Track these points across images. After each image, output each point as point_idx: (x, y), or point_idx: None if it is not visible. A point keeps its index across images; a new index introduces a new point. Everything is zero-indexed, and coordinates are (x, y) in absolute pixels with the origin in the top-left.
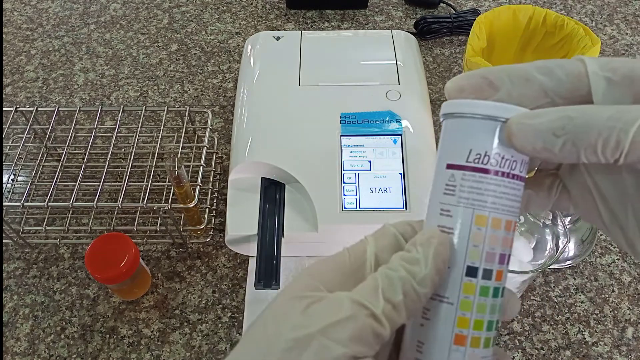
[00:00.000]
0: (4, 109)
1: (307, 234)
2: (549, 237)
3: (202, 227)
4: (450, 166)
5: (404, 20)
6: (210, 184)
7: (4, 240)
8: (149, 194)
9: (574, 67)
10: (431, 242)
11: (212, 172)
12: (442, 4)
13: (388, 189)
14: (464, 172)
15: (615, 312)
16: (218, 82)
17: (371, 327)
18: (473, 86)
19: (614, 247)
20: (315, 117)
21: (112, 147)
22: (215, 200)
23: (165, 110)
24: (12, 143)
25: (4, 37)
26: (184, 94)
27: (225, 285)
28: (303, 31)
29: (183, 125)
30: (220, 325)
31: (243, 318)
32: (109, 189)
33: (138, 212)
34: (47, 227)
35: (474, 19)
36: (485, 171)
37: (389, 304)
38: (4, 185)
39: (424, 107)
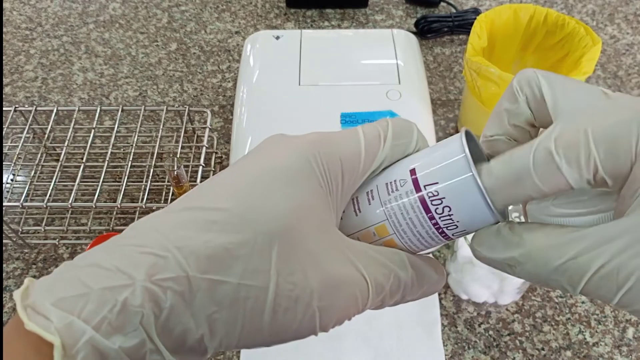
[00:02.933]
0: (3, 108)
1: None
2: None
3: None
4: (412, 172)
5: (404, 19)
6: None
7: (3, 240)
8: (148, 194)
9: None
10: None
11: (212, 172)
12: (442, 3)
13: None
14: (413, 190)
15: (616, 312)
16: (217, 82)
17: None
18: None
19: None
20: (315, 117)
21: (111, 146)
22: None
23: (165, 109)
24: (11, 143)
25: (3, 36)
26: (183, 93)
27: None
28: (303, 30)
29: (182, 124)
30: None
31: None
32: (108, 189)
33: (137, 212)
34: (46, 227)
35: (475, 18)
36: (427, 210)
37: None
38: (3, 185)
39: (425, 106)
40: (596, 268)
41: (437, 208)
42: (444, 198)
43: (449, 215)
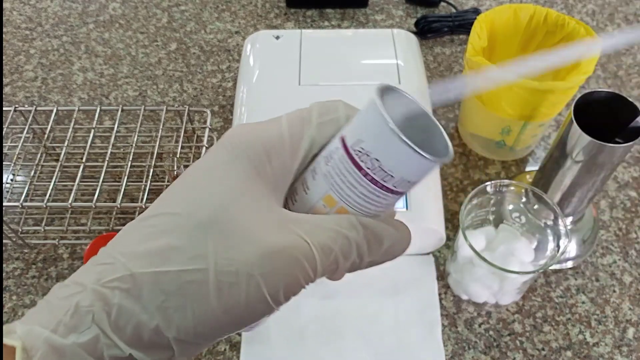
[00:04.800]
0: (3, 108)
1: None
2: (550, 238)
3: None
4: (342, 139)
5: (404, 19)
6: None
7: (3, 241)
8: (148, 194)
9: None
10: None
11: None
12: (442, 3)
13: None
14: (344, 155)
15: (616, 312)
16: (217, 82)
17: None
18: None
19: (615, 248)
20: None
21: (111, 146)
22: None
23: (165, 109)
24: (10, 143)
25: (3, 36)
26: (183, 93)
27: None
28: (303, 30)
29: (182, 124)
30: None
31: None
32: (107, 189)
33: (137, 213)
34: (46, 227)
35: (475, 18)
36: (359, 168)
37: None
38: (3, 185)
39: (425, 106)
40: None
41: (367, 163)
42: (369, 151)
43: (380, 167)
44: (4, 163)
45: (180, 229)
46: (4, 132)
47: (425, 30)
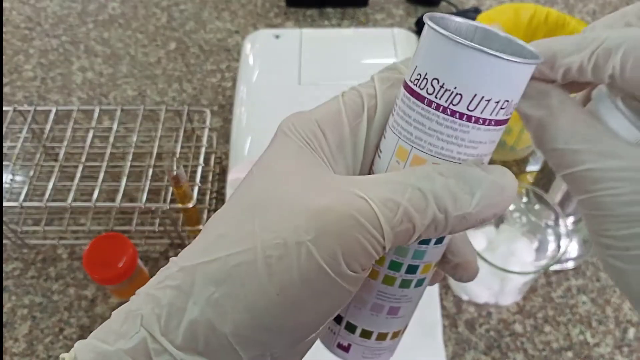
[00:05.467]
0: (2, 108)
1: None
2: (551, 238)
3: (201, 227)
4: (403, 82)
5: (404, 18)
6: (209, 183)
7: (3, 241)
8: (147, 194)
9: None
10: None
11: (211, 172)
12: (443, 2)
13: None
14: (404, 92)
15: (617, 312)
16: (217, 81)
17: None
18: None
19: None
20: None
21: (110, 146)
22: (214, 201)
23: (164, 109)
24: (10, 142)
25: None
26: (182, 93)
27: None
28: (303, 29)
29: (182, 124)
30: None
31: None
32: (107, 189)
33: (136, 213)
34: (45, 227)
35: (475, 17)
36: (420, 98)
37: None
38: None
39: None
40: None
41: (427, 88)
42: (426, 73)
43: (442, 86)
44: (4, 163)
45: (228, 217)
46: (3, 132)
47: None
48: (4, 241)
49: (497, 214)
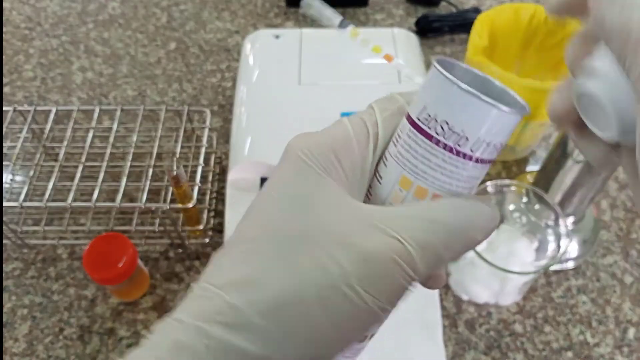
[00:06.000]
0: (2, 108)
1: None
2: (551, 238)
3: (201, 227)
4: (407, 117)
5: (405, 18)
6: (209, 183)
7: (3, 241)
8: (147, 194)
9: None
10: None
11: (211, 172)
12: (443, 3)
13: None
14: (411, 128)
15: (617, 312)
16: (217, 81)
17: None
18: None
19: (616, 248)
20: (316, 116)
21: (110, 146)
22: (214, 201)
23: (164, 109)
24: (10, 142)
25: (2, 36)
26: (182, 93)
27: None
28: (303, 29)
29: (182, 124)
30: None
31: None
32: (107, 189)
33: (136, 213)
34: (45, 227)
35: (476, 17)
36: (428, 136)
37: None
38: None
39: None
40: None
41: (436, 128)
42: (436, 115)
43: (450, 129)
44: (4, 163)
45: (266, 247)
46: (3, 132)
47: (425, 30)
48: (4, 241)
49: (486, 238)
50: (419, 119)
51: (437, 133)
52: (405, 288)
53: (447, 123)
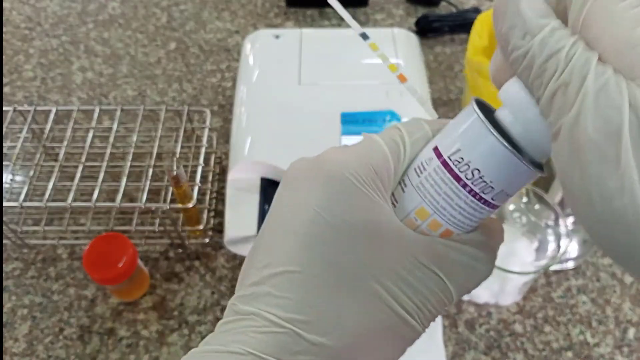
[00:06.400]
0: (2, 108)
1: None
2: (551, 238)
3: (201, 227)
4: (435, 149)
5: (405, 18)
6: (209, 183)
7: (3, 241)
8: (147, 194)
9: None
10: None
11: (211, 172)
12: (443, 3)
13: None
14: (440, 166)
15: (617, 312)
16: (217, 81)
17: None
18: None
19: None
20: (316, 117)
21: (110, 146)
22: (214, 201)
23: (164, 109)
24: (10, 142)
25: (2, 36)
26: (182, 93)
27: (224, 286)
28: (303, 29)
29: (182, 124)
30: None
31: None
32: (107, 189)
33: (136, 213)
34: (45, 227)
35: (476, 17)
36: (457, 179)
37: None
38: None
39: (425, 106)
40: None
41: (467, 173)
42: (469, 161)
43: (481, 177)
44: (4, 163)
45: (331, 281)
46: (3, 132)
47: (425, 30)
48: (4, 241)
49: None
50: (450, 159)
51: (466, 177)
52: (442, 313)
53: (479, 171)
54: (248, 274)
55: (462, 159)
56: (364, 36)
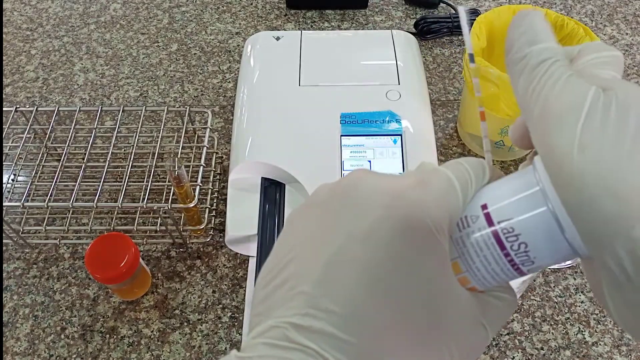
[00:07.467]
0: (3, 109)
1: None
2: None
3: (202, 227)
4: (484, 207)
5: (404, 20)
6: (210, 184)
7: (4, 240)
8: (149, 194)
9: None
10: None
11: (212, 172)
12: (442, 4)
13: None
14: (486, 227)
15: None
16: (218, 82)
17: None
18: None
19: None
20: (315, 117)
21: (112, 147)
22: (215, 200)
23: (165, 110)
24: (12, 143)
25: (4, 37)
26: (184, 94)
27: (225, 285)
28: (303, 31)
29: (183, 125)
30: (220, 325)
31: (243, 318)
32: (109, 189)
33: (138, 212)
34: (47, 227)
35: (474, 19)
36: (502, 247)
37: None
38: (4, 185)
39: (424, 107)
40: None
41: (513, 245)
42: (519, 234)
43: (525, 251)
44: (6, 163)
45: (399, 335)
46: (5, 133)
47: (424, 31)
48: (6, 241)
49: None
50: (499, 224)
51: (512, 249)
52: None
53: (525, 245)
54: (294, 296)
55: (512, 229)
56: (472, 57)
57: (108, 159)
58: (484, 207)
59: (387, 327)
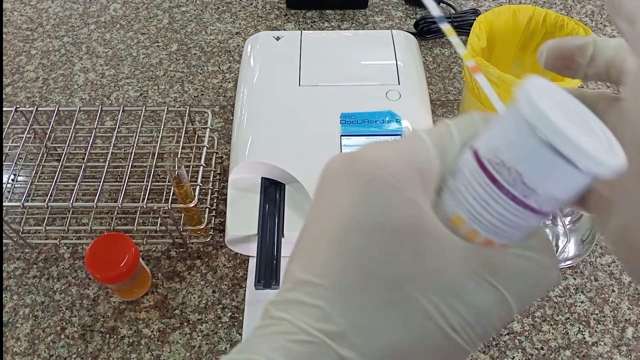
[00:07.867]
0: (3, 109)
1: None
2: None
3: (202, 227)
4: (474, 153)
5: (404, 20)
6: (210, 184)
7: (4, 240)
8: (149, 194)
9: None
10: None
11: (212, 172)
12: (442, 4)
13: None
14: (477, 167)
15: (615, 312)
16: (218, 82)
17: None
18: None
19: None
20: (315, 117)
21: (112, 147)
22: (215, 200)
23: (165, 110)
24: (12, 143)
25: (3, 37)
26: (184, 94)
27: (225, 285)
28: (303, 31)
29: (183, 125)
30: (220, 325)
31: (243, 318)
32: (109, 189)
33: (138, 212)
34: (47, 227)
35: (474, 19)
36: (495, 182)
37: None
38: (4, 185)
39: (424, 107)
40: None
41: (505, 176)
42: (508, 163)
43: (522, 181)
44: (6, 163)
45: (370, 292)
46: (5, 133)
47: (424, 31)
48: (6, 241)
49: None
50: (488, 160)
51: (506, 181)
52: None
53: (519, 174)
54: (285, 278)
55: (500, 160)
56: (441, 19)
57: (108, 159)
58: (474, 149)
59: (355, 288)
